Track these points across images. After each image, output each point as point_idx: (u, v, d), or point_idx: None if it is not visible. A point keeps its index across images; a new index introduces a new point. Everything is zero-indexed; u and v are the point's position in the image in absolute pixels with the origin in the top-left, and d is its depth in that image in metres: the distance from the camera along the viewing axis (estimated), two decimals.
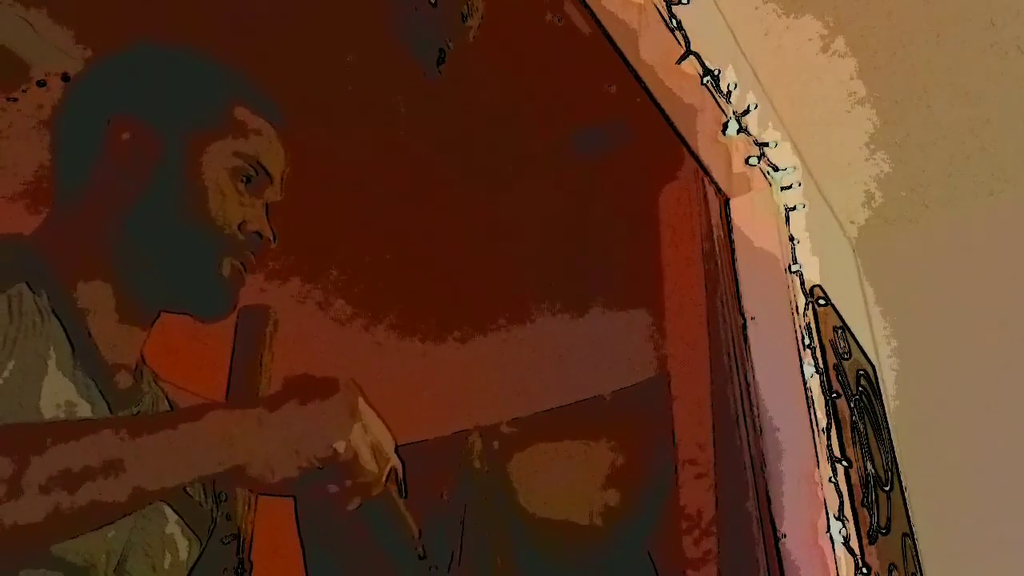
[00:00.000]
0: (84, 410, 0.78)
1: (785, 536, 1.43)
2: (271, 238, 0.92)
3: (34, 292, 0.78)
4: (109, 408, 0.81)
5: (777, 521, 1.44)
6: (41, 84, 1.46)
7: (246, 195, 0.90)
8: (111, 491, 0.62)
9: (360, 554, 2.18)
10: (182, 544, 0.87)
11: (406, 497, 0.81)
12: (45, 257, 0.82)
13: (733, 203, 1.72)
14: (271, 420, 0.70)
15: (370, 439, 0.74)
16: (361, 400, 0.75)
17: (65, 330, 0.79)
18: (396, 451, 0.80)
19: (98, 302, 0.84)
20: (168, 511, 0.86)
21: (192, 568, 0.89)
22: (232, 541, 0.93)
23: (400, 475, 0.81)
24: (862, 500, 1.65)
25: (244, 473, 0.68)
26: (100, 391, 0.81)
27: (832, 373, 1.70)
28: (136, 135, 0.87)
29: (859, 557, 1.49)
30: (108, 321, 0.84)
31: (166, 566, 0.85)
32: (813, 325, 1.66)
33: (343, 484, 0.74)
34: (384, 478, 0.77)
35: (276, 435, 0.69)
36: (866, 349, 2.13)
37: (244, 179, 0.89)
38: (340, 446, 0.71)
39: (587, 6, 1.25)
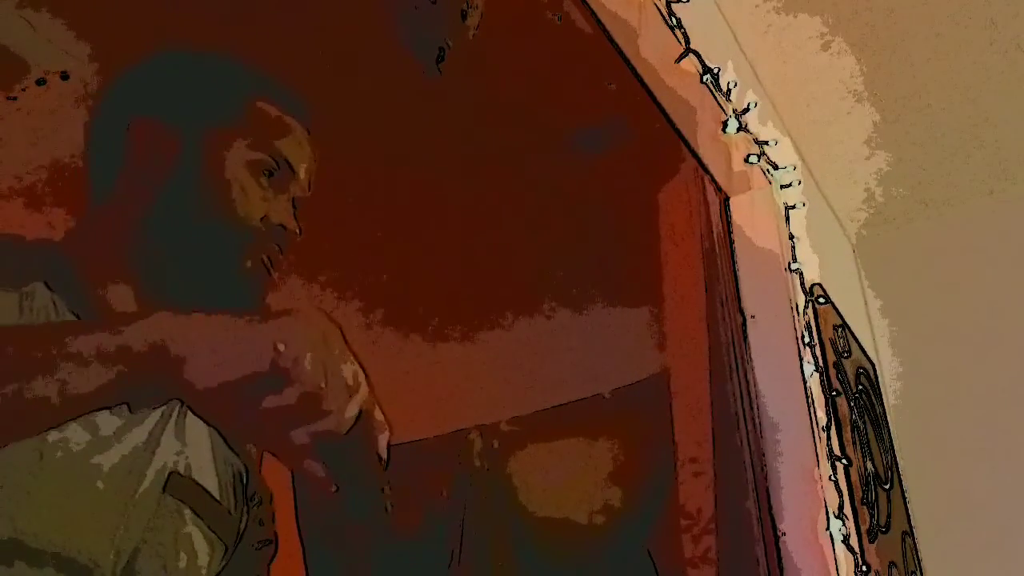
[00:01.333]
0: (100, 416, 0.77)
1: (785, 534, 1.43)
2: (296, 231, 0.92)
3: (52, 291, 0.78)
4: (128, 407, 0.81)
5: (777, 519, 1.44)
6: (40, 83, 1.46)
7: (269, 189, 0.90)
8: (43, 391, 0.60)
9: (362, 554, 2.18)
10: (202, 546, 0.86)
11: (384, 466, 0.75)
12: (71, 261, 0.83)
13: (733, 201, 1.72)
14: (213, 319, 0.66)
15: (323, 360, 0.68)
16: (331, 334, 0.70)
17: None
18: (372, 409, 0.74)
19: (122, 303, 0.84)
20: (187, 511, 0.85)
21: (221, 571, 0.88)
22: (265, 546, 0.92)
23: (381, 430, 0.75)
24: (862, 498, 1.65)
25: (180, 372, 0.62)
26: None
27: (832, 371, 1.70)
28: (154, 136, 0.88)
29: (859, 555, 1.49)
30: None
31: (181, 567, 0.83)
32: (813, 323, 1.66)
33: (285, 394, 0.65)
34: (344, 416, 0.69)
35: (215, 332, 0.65)
36: (866, 347, 2.13)
37: (266, 173, 0.90)
38: (281, 346, 0.65)
39: (587, 4, 1.25)
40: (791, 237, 1.70)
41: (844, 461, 1.57)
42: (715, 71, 1.46)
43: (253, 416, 0.65)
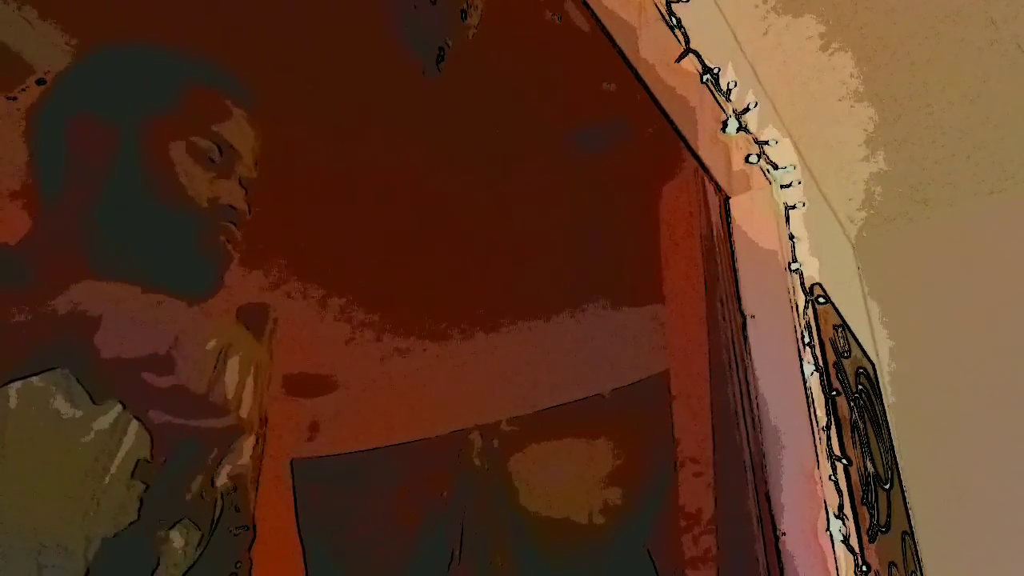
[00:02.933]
0: (61, 403, 0.78)
1: (785, 534, 1.43)
2: (245, 210, 0.93)
3: None
4: (91, 400, 0.81)
5: (777, 519, 1.44)
6: (41, 83, 1.46)
7: (214, 172, 0.91)
8: None
9: (361, 553, 2.18)
10: (177, 531, 0.87)
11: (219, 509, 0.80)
12: (27, 262, 0.84)
13: (733, 201, 1.72)
14: (134, 296, 0.71)
15: (218, 366, 0.74)
16: (246, 353, 0.74)
17: None
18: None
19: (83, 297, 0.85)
20: None
21: (199, 557, 0.90)
22: (242, 532, 0.93)
23: (228, 460, 0.80)
24: (862, 498, 1.65)
25: (91, 336, 0.68)
26: (80, 383, 0.81)
27: (832, 371, 1.70)
28: (92, 133, 0.90)
29: (859, 555, 1.49)
30: None
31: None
32: (813, 323, 1.66)
33: (163, 378, 0.73)
34: (209, 423, 0.77)
35: (131, 307, 0.71)
36: (866, 347, 2.13)
37: (210, 157, 0.91)
38: (180, 338, 0.71)
39: (587, 4, 1.25)
40: (791, 237, 1.70)
41: (844, 461, 1.56)
42: (715, 71, 1.46)
43: (137, 388, 0.70)
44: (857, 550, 1.49)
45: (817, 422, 1.54)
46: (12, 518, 0.71)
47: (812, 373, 1.57)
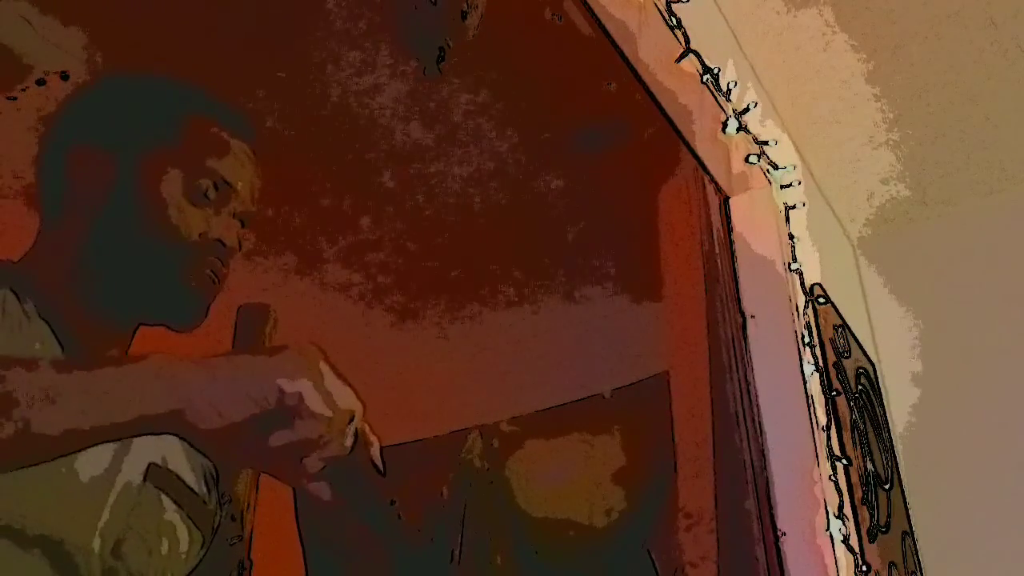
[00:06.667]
0: None
1: (785, 534, 1.43)
2: (236, 246, 0.93)
3: (20, 299, 0.80)
4: None
5: (777, 519, 1.44)
6: (40, 83, 1.46)
7: (208, 207, 0.91)
8: (43, 423, 0.61)
9: (361, 554, 2.19)
10: (182, 533, 0.88)
11: (383, 474, 0.79)
12: (30, 282, 0.84)
13: (733, 201, 1.72)
14: (218, 364, 0.69)
15: (324, 390, 0.71)
16: (323, 362, 0.73)
17: (54, 332, 0.81)
18: (353, 422, 0.78)
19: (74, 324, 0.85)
20: (166, 500, 0.87)
21: (199, 563, 0.90)
22: (238, 542, 0.94)
23: (372, 443, 0.78)
24: (862, 498, 1.65)
25: (185, 417, 0.65)
26: None
27: (832, 371, 1.70)
28: (90, 161, 0.90)
29: (859, 555, 1.49)
30: (85, 340, 0.86)
31: (164, 552, 0.86)
32: (813, 323, 1.66)
33: (296, 429, 0.69)
34: (348, 439, 0.75)
35: (222, 378, 0.68)
36: (866, 347, 2.13)
37: (204, 193, 0.91)
38: (287, 384, 0.68)
39: (587, 5, 1.25)
40: (791, 237, 1.70)
41: (844, 461, 1.57)
42: (715, 71, 1.46)
43: (261, 450, 0.68)
44: (857, 550, 1.49)
45: (817, 422, 1.54)
46: (32, 515, 0.72)
47: (812, 373, 1.57)
